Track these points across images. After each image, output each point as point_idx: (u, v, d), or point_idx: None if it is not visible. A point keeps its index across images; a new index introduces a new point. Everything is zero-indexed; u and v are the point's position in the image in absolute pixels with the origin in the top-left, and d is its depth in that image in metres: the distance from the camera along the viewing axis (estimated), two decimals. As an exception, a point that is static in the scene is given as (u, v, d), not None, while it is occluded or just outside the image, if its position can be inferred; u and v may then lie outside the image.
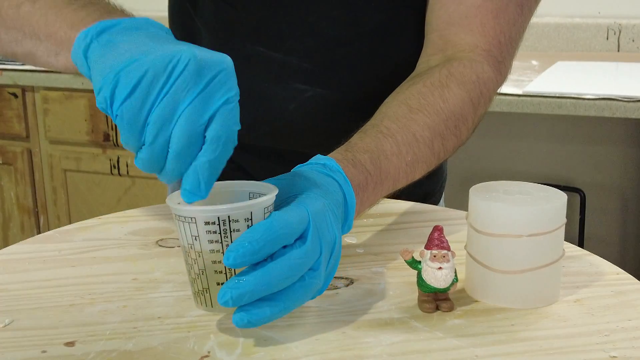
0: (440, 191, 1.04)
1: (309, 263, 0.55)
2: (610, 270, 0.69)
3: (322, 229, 0.56)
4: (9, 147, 2.23)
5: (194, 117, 0.52)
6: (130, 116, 0.51)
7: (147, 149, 0.52)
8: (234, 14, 0.89)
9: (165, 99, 0.51)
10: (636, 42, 2.09)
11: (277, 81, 0.89)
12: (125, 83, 0.51)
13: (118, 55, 0.53)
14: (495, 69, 0.82)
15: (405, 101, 0.76)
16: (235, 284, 0.52)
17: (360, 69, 0.90)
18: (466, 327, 0.59)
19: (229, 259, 0.52)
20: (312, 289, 0.56)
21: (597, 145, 2.10)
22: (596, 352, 0.55)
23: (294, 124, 0.91)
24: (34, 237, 0.78)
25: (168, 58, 0.52)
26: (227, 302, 0.52)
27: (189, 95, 0.52)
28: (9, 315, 0.61)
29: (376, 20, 0.88)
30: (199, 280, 0.57)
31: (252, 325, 0.54)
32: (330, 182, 0.62)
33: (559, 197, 0.62)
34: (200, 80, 0.52)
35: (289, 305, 0.55)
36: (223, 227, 0.54)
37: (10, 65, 2.12)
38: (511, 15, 0.83)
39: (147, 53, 0.52)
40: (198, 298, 0.58)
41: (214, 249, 0.55)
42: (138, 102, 0.51)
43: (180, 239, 0.57)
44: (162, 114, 0.51)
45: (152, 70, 0.51)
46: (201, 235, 0.55)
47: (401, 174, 0.71)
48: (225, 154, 0.53)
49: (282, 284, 0.54)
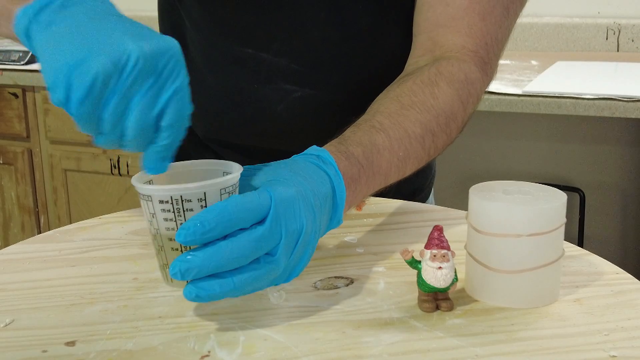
0: (429, 187, 1.05)
1: (264, 247, 0.56)
2: (610, 270, 0.69)
3: (287, 216, 0.57)
4: (10, 147, 2.23)
5: (146, 110, 0.55)
6: (86, 116, 0.54)
7: (104, 137, 0.56)
8: (224, 15, 0.90)
9: (117, 97, 0.53)
10: (636, 42, 2.09)
11: (266, 82, 0.90)
12: (78, 86, 0.53)
13: (64, 50, 0.54)
14: (481, 69, 0.84)
15: (397, 98, 0.77)
16: (184, 257, 0.54)
17: (348, 70, 0.90)
18: (466, 327, 0.59)
19: (180, 236, 0.54)
20: (267, 274, 0.57)
21: (596, 145, 2.10)
22: (596, 351, 0.55)
23: (282, 124, 0.91)
24: (35, 237, 0.79)
25: (116, 57, 0.53)
26: (176, 274, 0.54)
27: (140, 90, 0.54)
28: (9, 315, 0.62)
29: (364, 22, 0.89)
30: (159, 255, 0.59)
31: (201, 300, 0.55)
32: (318, 173, 0.62)
33: (559, 197, 0.62)
34: (150, 75, 0.54)
35: (239, 285, 0.56)
36: (176, 206, 0.56)
37: (11, 65, 2.12)
38: (497, 17, 0.84)
39: (94, 50, 0.53)
40: (161, 272, 0.60)
41: (169, 227, 0.57)
42: (92, 104, 0.53)
43: (144, 215, 0.59)
44: (115, 112, 0.54)
45: (103, 73, 0.53)
46: (157, 213, 0.57)
47: (393, 168, 0.72)
48: (178, 136, 0.57)
49: (232, 263, 0.55)
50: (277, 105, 0.91)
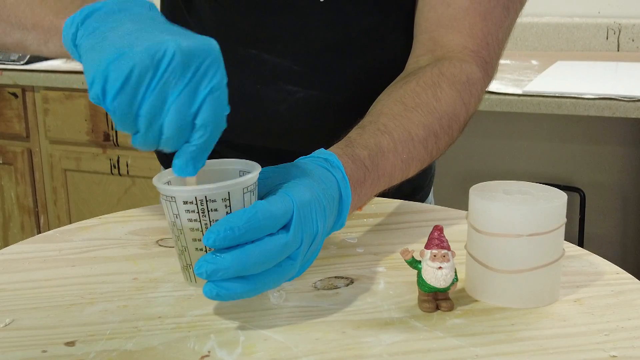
0: (429, 185, 1.06)
1: (288, 252, 0.57)
2: (610, 269, 0.69)
3: (306, 220, 0.58)
4: (9, 147, 2.23)
5: (183, 108, 0.53)
6: (122, 110, 0.53)
7: (141, 136, 0.55)
8: (228, 16, 0.90)
9: (154, 93, 0.53)
10: (636, 41, 2.09)
11: (269, 83, 0.90)
12: (114, 78, 0.52)
13: (105, 48, 0.54)
14: (482, 69, 0.84)
15: (401, 99, 0.77)
16: (213, 258, 0.54)
17: (350, 71, 0.91)
18: (466, 327, 0.59)
19: (209, 239, 0.54)
20: (286, 275, 0.58)
21: (597, 145, 2.10)
22: (596, 351, 0.55)
23: (285, 124, 0.92)
24: (34, 237, 0.78)
25: (153, 51, 0.52)
26: (202, 274, 0.54)
27: (177, 87, 0.53)
28: (9, 315, 0.62)
29: (366, 23, 0.89)
30: (182, 256, 0.59)
31: (221, 299, 0.56)
32: (328, 176, 0.63)
33: (559, 197, 0.62)
34: (187, 72, 0.53)
35: (260, 287, 0.57)
36: (201, 206, 0.56)
37: (10, 65, 2.12)
38: (498, 17, 0.85)
39: (133, 45, 0.53)
40: (184, 273, 0.60)
41: (193, 227, 0.57)
42: (128, 97, 0.52)
43: (166, 216, 0.59)
44: (151, 108, 0.53)
45: (139, 65, 0.52)
46: (181, 214, 0.57)
47: (397, 171, 0.73)
48: (214, 137, 0.56)
49: (258, 267, 0.55)
50: (279, 105, 0.91)
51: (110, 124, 2.07)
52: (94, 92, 0.53)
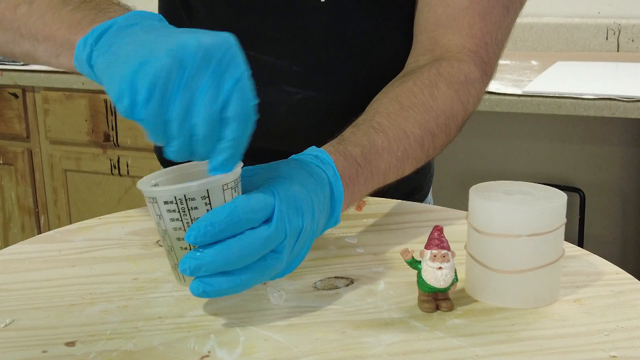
0: (428, 185, 1.06)
1: (271, 245, 0.57)
2: (610, 270, 0.69)
3: (291, 214, 0.58)
4: (10, 147, 2.23)
5: (212, 103, 0.54)
6: (154, 119, 0.53)
7: (174, 142, 0.55)
8: (227, 18, 0.90)
9: (181, 93, 0.53)
10: (636, 42, 2.09)
11: (268, 84, 0.90)
12: (141, 87, 0.52)
13: (125, 60, 0.54)
14: (481, 69, 0.84)
15: (397, 98, 0.78)
16: (195, 254, 0.55)
17: (349, 72, 0.91)
18: (466, 327, 0.59)
19: (190, 237, 0.54)
20: (272, 270, 0.58)
21: (597, 145, 2.10)
22: (596, 351, 0.55)
23: (284, 125, 0.92)
24: (35, 237, 0.79)
25: (174, 51, 0.52)
26: (185, 270, 0.55)
27: (202, 83, 0.53)
28: (9, 315, 0.62)
29: (365, 24, 0.89)
30: (169, 256, 0.60)
31: (207, 295, 0.56)
32: (318, 172, 0.63)
33: (559, 197, 0.62)
34: (210, 66, 0.53)
35: (245, 281, 0.57)
36: (181, 205, 0.57)
37: (11, 66, 2.12)
38: (497, 17, 0.85)
39: (153, 51, 0.53)
40: (174, 273, 0.60)
41: (176, 227, 0.58)
42: (157, 103, 0.53)
43: (152, 217, 0.60)
44: (181, 109, 0.53)
45: (164, 69, 0.52)
46: (163, 214, 0.58)
47: (391, 168, 0.73)
48: (246, 130, 0.56)
49: (241, 261, 0.56)
50: (279, 107, 0.91)
51: (110, 124, 2.07)
52: (123, 106, 0.53)
